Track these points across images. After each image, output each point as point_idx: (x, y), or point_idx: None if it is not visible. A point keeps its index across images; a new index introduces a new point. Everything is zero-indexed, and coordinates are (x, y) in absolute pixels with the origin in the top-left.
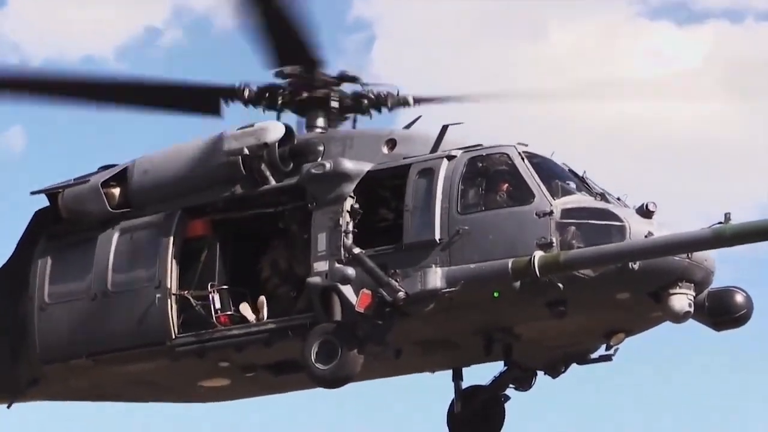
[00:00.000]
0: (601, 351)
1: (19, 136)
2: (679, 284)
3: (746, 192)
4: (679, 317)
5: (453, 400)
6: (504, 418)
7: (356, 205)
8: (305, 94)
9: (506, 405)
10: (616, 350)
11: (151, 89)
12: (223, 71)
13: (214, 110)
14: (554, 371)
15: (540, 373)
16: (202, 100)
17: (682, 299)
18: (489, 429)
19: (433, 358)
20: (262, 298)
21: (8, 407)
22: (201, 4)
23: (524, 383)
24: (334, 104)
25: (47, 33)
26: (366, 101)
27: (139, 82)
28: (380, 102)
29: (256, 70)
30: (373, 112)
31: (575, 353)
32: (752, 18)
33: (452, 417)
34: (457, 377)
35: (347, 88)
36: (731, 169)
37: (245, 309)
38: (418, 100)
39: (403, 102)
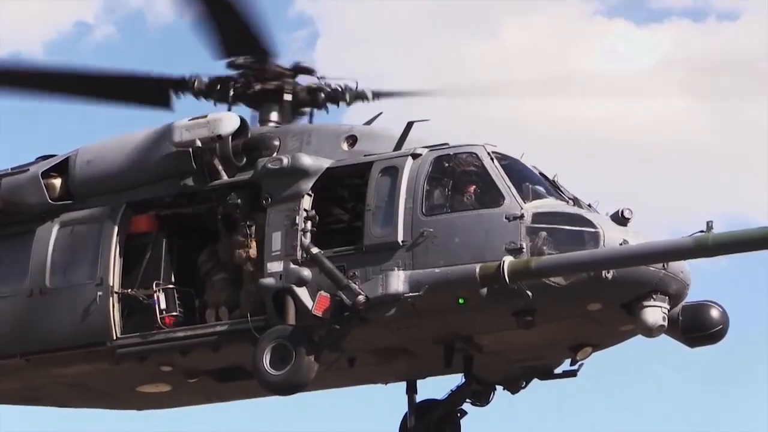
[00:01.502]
0: (565, 366)
1: None
2: (654, 296)
3: (708, 200)
4: (652, 331)
5: (406, 413)
6: None
7: (312, 206)
8: (258, 86)
9: (462, 421)
10: (581, 365)
11: (97, 79)
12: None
13: (164, 102)
14: (514, 386)
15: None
16: (151, 91)
17: (656, 312)
18: None
19: (389, 367)
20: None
21: None
22: None
23: (482, 398)
24: (288, 97)
25: None
26: (322, 94)
27: (84, 72)
28: (337, 96)
29: (192, 66)
30: (330, 106)
31: (538, 367)
32: (714, 17)
33: None
34: (411, 390)
35: (303, 80)
36: (691, 176)
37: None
38: (377, 95)
39: (361, 96)
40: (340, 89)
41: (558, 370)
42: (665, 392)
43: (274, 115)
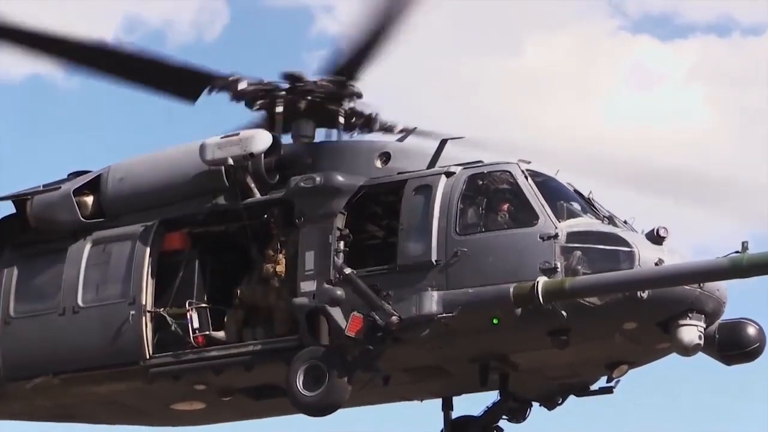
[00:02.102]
0: (602, 382)
1: None
2: (689, 315)
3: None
4: (688, 350)
5: (441, 430)
6: None
7: (346, 224)
8: (305, 103)
9: None
10: (617, 382)
11: (134, 59)
12: None
13: (193, 96)
14: (551, 402)
15: (535, 404)
16: (186, 81)
17: (692, 331)
18: None
19: (424, 385)
20: None
21: None
22: (153, 15)
23: (518, 415)
24: (341, 119)
25: None
26: (356, 119)
27: (123, 50)
28: (369, 123)
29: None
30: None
31: (574, 384)
32: (739, 32)
33: None
34: (447, 406)
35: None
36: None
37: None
38: (404, 131)
39: (388, 128)
40: (372, 116)
41: (594, 387)
42: (700, 409)
43: (307, 132)
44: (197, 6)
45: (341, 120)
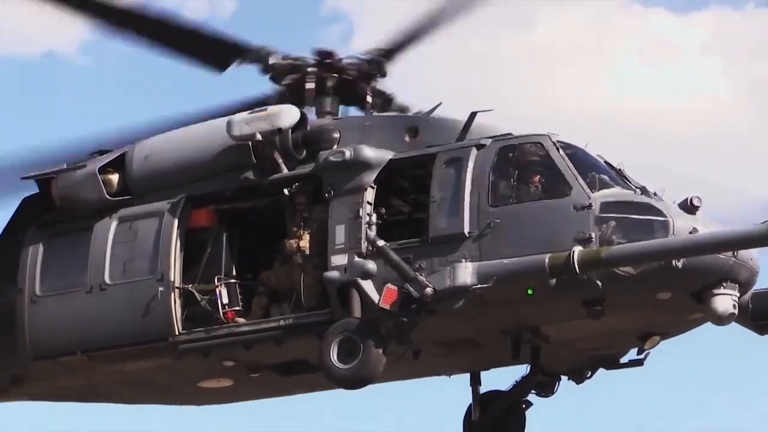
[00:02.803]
0: (632, 355)
1: None
2: (723, 284)
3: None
4: (722, 319)
5: (470, 405)
6: (525, 426)
7: (375, 199)
8: (333, 80)
9: (527, 412)
10: (647, 354)
11: (168, 24)
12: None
13: (222, 65)
14: (579, 376)
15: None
16: (219, 50)
17: (726, 300)
18: None
19: (454, 359)
20: None
21: None
22: None
23: (547, 389)
24: (369, 99)
25: (7, 28)
26: (354, 73)
27: (156, 14)
28: (386, 103)
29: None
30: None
31: (604, 357)
32: (753, 3)
33: (469, 424)
34: (475, 381)
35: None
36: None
37: None
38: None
39: (402, 110)
40: (387, 96)
41: (624, 359)
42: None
43: (331, 108)
44: None
45: (368, 99)
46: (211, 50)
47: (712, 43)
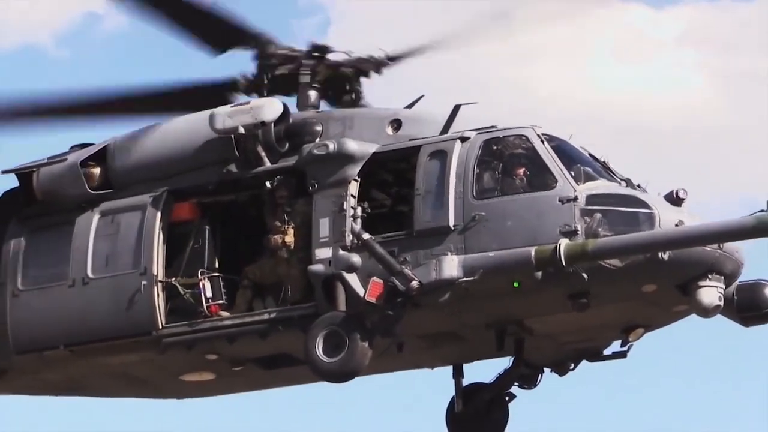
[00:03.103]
0: (615, 347)
1: None
2: (709, 276)
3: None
4: (708, 311)
5: (453, 398)
6: (508, 418)
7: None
8: (325, 74)
9: (510, 404)
10: (630, 347)
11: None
12: (169, 55)
13: (220, 48)
14: (562, 368)
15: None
16: (221, 31)
17: (711, 292)
18: (492, 429)
19: (437, 352)
20: None
21: None
22: None
23: (530, 381)
24: (305, 79)
25: None
26: (349, 70)
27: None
28: (362, 68)
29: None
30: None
31: (587, 349)
32: None
33: (452, 416)
34: (458, 374)
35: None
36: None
37: None
38: (392, 58)
39: (382, 63)
40: (362, 60)
41: (607, 352)
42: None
43: (313, 100)
44: None
45: (305, 79)
46: (215, 31)
47: (687, 36)
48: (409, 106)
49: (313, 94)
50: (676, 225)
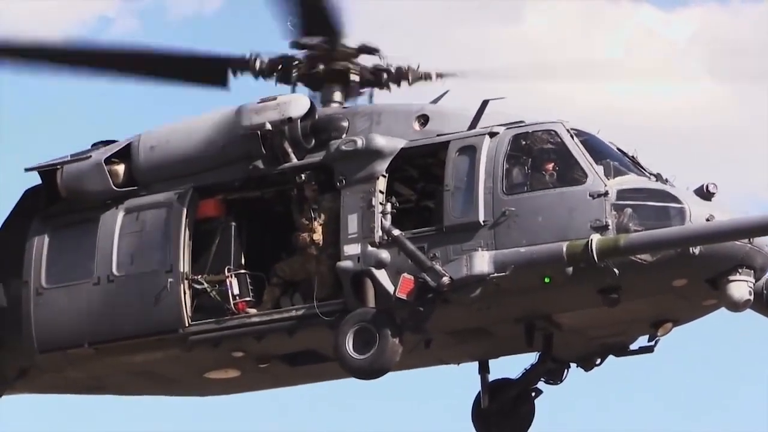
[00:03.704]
0: (642, 342)
1: None
2: (739, 270)
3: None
4: (738, 306)
5: (479, 393)
6: (534, 414)
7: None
8: (322, 67)
9: (536, 400)
10: (657, 341)
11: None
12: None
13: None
14: (589, 363)
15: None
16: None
17: (741, 286)
18: (518, 425)
19: (465, 348)
20: None
21: None
22: None
23: (556, 376)
24: (354, 78)
25: None
26: (386, 75)
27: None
28: (401, 76)
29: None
30: (393, 86)
31: (614, 344)
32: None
33: (479, 412)
34: (484, 369)
35: (366, 60)
36: (720, 158)
37: None
38: (440, 75)
39: (424, 76)
40: (403, 70)
41: (634, 346)
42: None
43: (337, 96)
44: None
45: (355, 78)
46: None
47: (697, 38)
48: (435, 101)
49: (328, 89)
50: (707, 219)
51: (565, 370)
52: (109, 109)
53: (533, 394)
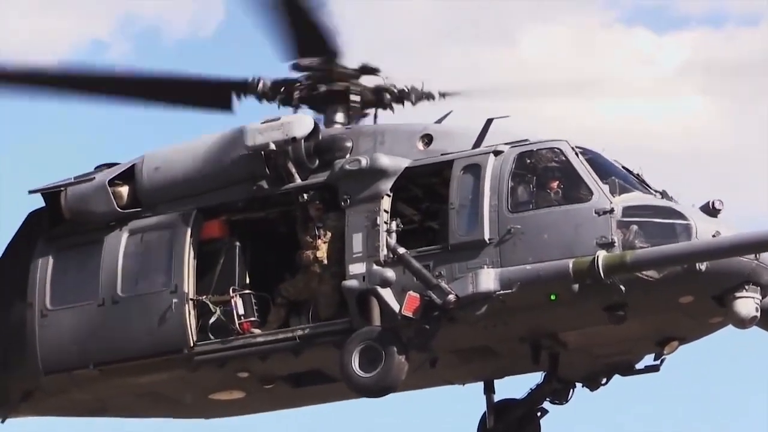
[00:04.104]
0: (648, 361)
1: None
2: (746, 287)
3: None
4: (745, 323)
5: (484, 414)
6: None
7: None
8: (324, 88)
9: (542, 420)
10: (663, 360)
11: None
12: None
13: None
14: (594, 383)
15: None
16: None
17: (748, 303)
18: None
19: (470, 368)
20: None
21: (1, 422)
22: (148, 13)
23: (561, 396)
24: (355, 98)
25: None
26: (388, 95)
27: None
28: (403, 96)
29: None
30: (396, 106)
31: (620, 363)
32: (733, 23)
33: None
34: (489, 389)
35: (368, 81)
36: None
37: None
38: (443, 95)
39: (427, 96)
40: (406, 89)
41: (640, 366)
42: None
43: (340, 117)
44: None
45: (356, 98)
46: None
47: (692, 62)
48: (439, 121)
49: (331, 109)
50: (713, 236)
51: (571, 390)
52: (109, 132)
53: (539, 413)
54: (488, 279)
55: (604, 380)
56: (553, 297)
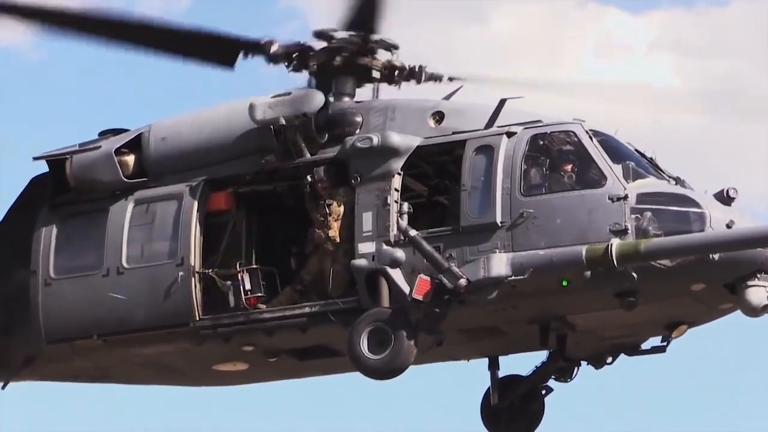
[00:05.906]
0: (654, 341)
1: None
2: (758, 276)
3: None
4: (756, 311)
5: (488, 390)
6: (543, 411)
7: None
8: (340, 59)
9: (546, 398)
10: (669, 342)
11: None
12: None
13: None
14: (600, 362)
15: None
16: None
17: (760, 292)
18: (528, 423)
19: (476, 345)
20: None
21: (2, 388)
22: None
23: (566, 374)
24: (376, 74)
25: None
26: (398, 72)
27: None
28: (413, 75)
29: None
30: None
31: (626, 344)
32: (704, 3)
33: (488, 409)
34: (494, 366)
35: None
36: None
37: None
38: (451, 78)
39: (436, 78)
40: (416, 69)
41: (646, 346)
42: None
43: (349, 89)
44: None
45: (376, 74)
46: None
47: (662, 40)
48: (447, 98)
49: (342, 82)
50: (727, 225)
51: (576, 368)
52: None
53: (543, 391)
54: (500, 264)
55: (610, 359)
56: (564, 283)
